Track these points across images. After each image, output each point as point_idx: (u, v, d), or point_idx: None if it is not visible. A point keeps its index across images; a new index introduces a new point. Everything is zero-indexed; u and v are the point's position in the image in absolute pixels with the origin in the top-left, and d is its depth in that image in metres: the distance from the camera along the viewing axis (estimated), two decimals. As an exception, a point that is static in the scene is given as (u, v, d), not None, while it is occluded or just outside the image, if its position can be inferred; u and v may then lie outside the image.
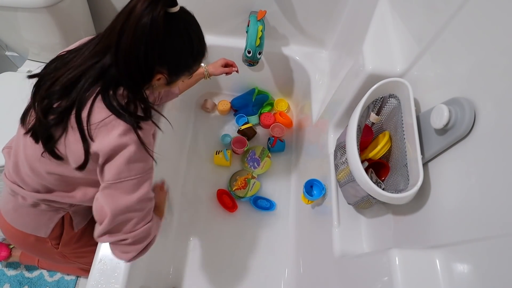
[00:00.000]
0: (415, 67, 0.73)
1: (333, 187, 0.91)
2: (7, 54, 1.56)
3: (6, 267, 1.31)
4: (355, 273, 0.70)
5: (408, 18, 0.78)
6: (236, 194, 1.34)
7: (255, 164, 1.43)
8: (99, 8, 1.33)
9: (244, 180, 1.37)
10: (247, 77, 1.49)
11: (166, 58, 0.62)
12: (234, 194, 1.35)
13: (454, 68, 0.60)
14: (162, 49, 0.60)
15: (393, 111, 0.75)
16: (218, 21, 1.25)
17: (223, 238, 1.29)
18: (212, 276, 1.21)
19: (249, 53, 1.14)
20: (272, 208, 1.35)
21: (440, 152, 0.61)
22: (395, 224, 0.73)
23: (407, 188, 0.63)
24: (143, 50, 0.57)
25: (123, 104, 0.61)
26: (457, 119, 0.54)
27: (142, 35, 0.56)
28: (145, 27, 0.55)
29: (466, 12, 0.58)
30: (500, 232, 0.45)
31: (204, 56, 0.72)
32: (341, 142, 0.83)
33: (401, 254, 0.54)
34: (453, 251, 0.52)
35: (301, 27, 1.24)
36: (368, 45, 0.80)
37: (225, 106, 1.55)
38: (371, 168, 0.77)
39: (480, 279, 0.46)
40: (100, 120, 0.59)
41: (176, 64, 0.65)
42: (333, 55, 1.28)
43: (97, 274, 0.81)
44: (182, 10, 0.62)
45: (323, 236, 0.92)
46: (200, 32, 0.68)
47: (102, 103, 0.60)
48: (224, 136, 1.49)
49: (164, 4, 0.56)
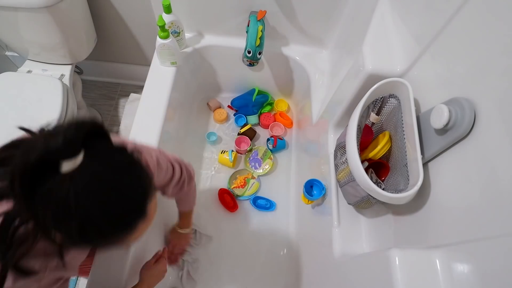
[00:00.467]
0: (415, 67, 0.73)
1: (333, 187, 0.91)
2: (7, 54, 1.56)
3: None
4: (355, 273, 0.70)
5: (408, 18, 0.78)
6: (234, 192, 1.35)
7: (257, 164, 1.43)
8: (99, 8, 1.33)
9: (244, 179, 1.37)
10: (247, 77, 1.49)
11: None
12: (232, 191, 1.35)
13: (454, 68, 0.60)
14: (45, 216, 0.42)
15: (393, 111, 0.75)
16: (218, 21, 1.25)
17: (223, 238, 1.29)
18: (212, 276, 1.21)
19: (249, 53, 1.14)
20: (272, 208, 1.35)
21: (440, 152, 0.61)
22: (395, 224, 0.73)
23: (407, 188, 0.63)
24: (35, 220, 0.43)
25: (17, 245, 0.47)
26: (457, 119, 0.54)
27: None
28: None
29: (466, 12, 0.58)
30: (500, 232, 0.45)
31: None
32: (341, 142, 0.83)
33: (401, 254, 0.54)
34: (453, 251, 0.52)
35: (301, 27, 1.24)
36: (368, 45, 0.80)
37: (222, 116, 1.53)
38: (371, 168, 0.77)
39: (480, 279, 0.46)
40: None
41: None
42: (333, 55, 1.28)
43: (97, 274, 0.81)
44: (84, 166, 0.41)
45: (323, 236, 0.92)
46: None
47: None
48: (209, 134, 1.48)
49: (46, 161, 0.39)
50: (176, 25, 1.14)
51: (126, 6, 1.32)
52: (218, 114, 1.55)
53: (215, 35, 1.31)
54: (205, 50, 1.32)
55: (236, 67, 1.36)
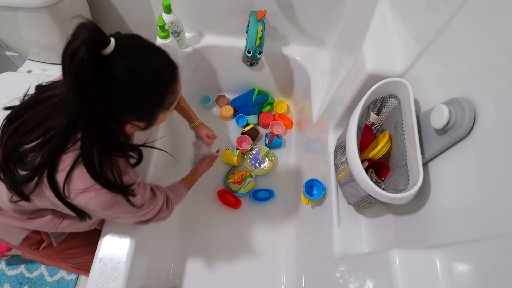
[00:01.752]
0: (415, 67, 0.73)
1: (333, 187, 0.91)
2: (7, 54, 1.56)
3: (6, 267, 1.31)
4: (355, 273, 0.70)
5: (408, 18, 0.78)
6: (230, 187, 1.35)
7: (256, 164, 1.44)
8: (99, 8, 1.33)
9: (242, 176, 1.38)
10: (247, 77, 1.49)
11: (123, 107, 0.54)
12: (227, 185, 1.36)
13: (454, 68, 0.60)
14: (111, 100, 0.51)
15: (393, 111, 0.75)
16: (218, 21, 1.25)
17: (223, 238, 1.29)
18: (212, 276, 1.21)
19: (249, 53, 1.14)
20: (272, 197, 1.37)
21: (440, 152, 0.61)
22: (395, 224, 0.73)
23: (407, 188, 0.63)
24: (89, 108, 0.49)
25: (104, 170, 0.57)
26: (457, 119, 0.54)
27: (76, 92, 0.47)
28: (76, 83, 0.46)
29: (466, 12, 0.58)
30: (500, 232, 0.45)
31: (173, 82, 0.59)
32: (341, 142, 0.83)
33: (401, 254, 0.54)
34: (453, 251, 0.52)
35: (301, 27, 1.24)
36: (368, 45, 0.80)
37: (228, 112, 1.55)
38: (371, 168, 0.77)
39: (480, 279, 0.46)
40: (82, 189, 0.56)
41: (139, 108, 0.57)
42: (333, 55, 1.28)
43: (97, 274, 0.81)
44: (120, 47, 0.49)
45: (323, 236, 0.92)
46: (153, 61, 0.55)
47: (83, 171, 0.56)
48: (205, 98, 1.56)
49: (90, 48, 0.45)
50: (176, 25, 1.14)
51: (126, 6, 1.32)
52: (225, 111, 1.55)
53: (215, 35, 1.31)
54: (205, 50, 1.32)
55: (236, 67, 1.36)
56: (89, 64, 0.45)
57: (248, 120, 1.54)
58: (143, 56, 0.53)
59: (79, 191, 0.56)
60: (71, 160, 0.56)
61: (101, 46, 0.47)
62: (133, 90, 0.52)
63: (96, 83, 0.47)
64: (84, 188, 0.56)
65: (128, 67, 0.50)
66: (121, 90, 0.51)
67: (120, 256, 0.83)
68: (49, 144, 0.56)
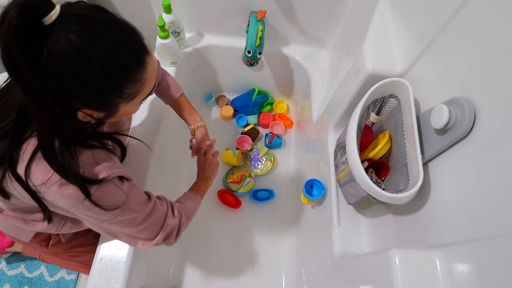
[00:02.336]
0: (415, 67, 0.73)
1: (333, 187, 0.91)
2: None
3: (6, 267, 1.31)
4: (355, 273, 0.70)
5: (408, 18, 0.78)
6: (228, 186, 1.35)
7: (256, 164, 1.44)
8: (99, 8, 1.33)
9: (241, 176, 1.38)
10: (247, 77, 1.49)
11: (67, 90, 0.46)
12: (226, 185, 1.36)
13: (454, 68, 0.60)
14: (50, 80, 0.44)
15: (393, 111, 0.76)
16: (218, 21, 1.25)
17: (223, 237, 1.29)
18: (213, 276, 1.21)
19: (249, 53, 1.14)
20: (272, 197, 1.37)
21: (440, 152, 0.61)
22: (395, 224, 0.73)
23: (407, 188, 0.63)
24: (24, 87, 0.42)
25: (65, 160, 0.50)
26: (457, 119, 0.54)
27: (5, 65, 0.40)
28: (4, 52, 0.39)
29: (466, 12, 0.58)
30: (500, 232, 0.45)
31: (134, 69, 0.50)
32: (341, 142, 0.83)
33: (401, 254, 0.54)
34: (453, 251, 0.52)
35: (301, 27, 1.24)
36: (368, 45, 0.80)
37: (228, 112, 1.55)
38: (371, 168, 0.77)
39: (480, 279, 0.46)
40: (43, 182, 0.51)
41: (86, 94, 0.48)
42: (333, 55, 1.28)
43: (97, 274, 0.81)
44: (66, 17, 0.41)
45: (323, 236, 0.92)
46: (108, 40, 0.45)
47: (42, 163, 0.50)
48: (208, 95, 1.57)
49: (22, 11, 0.37)
50: (176, 25, 1.14)
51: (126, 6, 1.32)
52: (225, 111, 1.55)
53: (215, 35, 1.31)
54: (205, 50, 1.33)
55: (236, 67, 1.36)
56: (16, 30, 0.38)
57: (248, 120, 1.54)
58: (95, 33, 0.44)
59: (42, 182, 0.51)
60: (31, 150, 0.51)
61: (39, 12, 0.39)
62: (75, 72, 0.44)
63: (27, 55, 0.40)
64: (47, 180, 0.50)
65: (70, 42, 0.41)
66: (61, 70, 0.43)
67: (120, 256, 0.83)
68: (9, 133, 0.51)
